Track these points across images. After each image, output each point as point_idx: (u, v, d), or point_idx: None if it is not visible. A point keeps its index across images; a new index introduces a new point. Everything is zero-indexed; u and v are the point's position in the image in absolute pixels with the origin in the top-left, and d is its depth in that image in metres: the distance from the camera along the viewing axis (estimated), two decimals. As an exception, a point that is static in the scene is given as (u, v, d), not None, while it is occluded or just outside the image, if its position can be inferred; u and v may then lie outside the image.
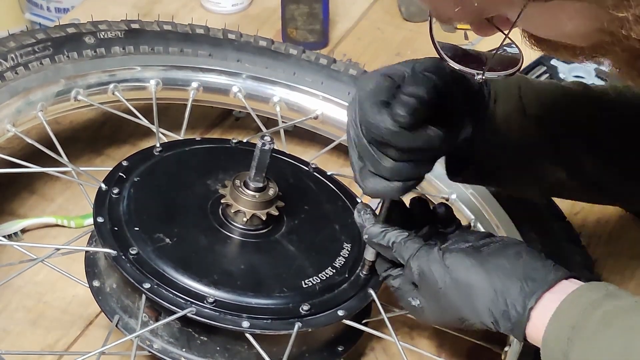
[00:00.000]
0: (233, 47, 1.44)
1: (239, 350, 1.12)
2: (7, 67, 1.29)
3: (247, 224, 1.18)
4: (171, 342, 1.13)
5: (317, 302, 1.14)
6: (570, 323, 1.01)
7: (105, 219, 1.16)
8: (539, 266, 1.07)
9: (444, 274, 1.08)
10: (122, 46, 1.38)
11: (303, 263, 1.17)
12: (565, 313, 1.02)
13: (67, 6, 2.07)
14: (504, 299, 1.05)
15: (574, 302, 1.03)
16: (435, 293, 1.09)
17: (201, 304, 1.10)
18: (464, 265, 1.08)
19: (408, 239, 1.11)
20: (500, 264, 1.07)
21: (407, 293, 1.12)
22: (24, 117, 1.30)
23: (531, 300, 1.04)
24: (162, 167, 1.24)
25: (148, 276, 1.11)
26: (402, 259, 1.11)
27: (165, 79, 1.40)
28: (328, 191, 1.28)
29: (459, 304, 1.08)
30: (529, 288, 1.05)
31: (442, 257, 1.09)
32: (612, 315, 1.00)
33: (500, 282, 1.06)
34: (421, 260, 1.09)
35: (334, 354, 1.18)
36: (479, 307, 1.07)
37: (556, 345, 1.02)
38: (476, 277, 1.07)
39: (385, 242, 1.12)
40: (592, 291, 1.04)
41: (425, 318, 1.12)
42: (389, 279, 1.15)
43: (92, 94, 1.36)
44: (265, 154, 1.16)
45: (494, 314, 1.06)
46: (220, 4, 1.73)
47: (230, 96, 1.44)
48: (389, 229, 1.13)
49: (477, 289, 1.07)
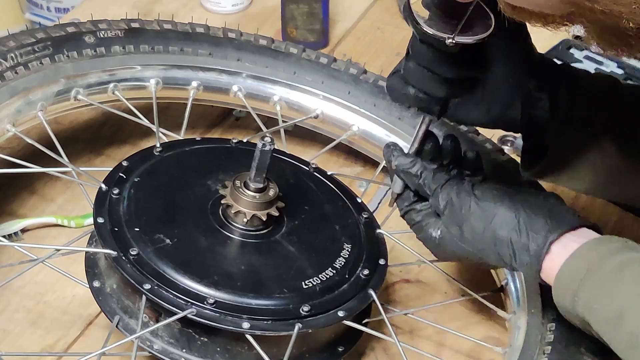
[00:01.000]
0: (233, 46, 1.44)
1: (240, 351, 1.12)
2: (6, 67, 1.29)
3: (247, 225, 1.18)
4: (171, 342, 1.12)
5: (317, 303, 1.14)
6: (586, 266, 1.05)
7: (106, 219, 1.16)
8: (563, 210, 1.11)
9: (470, 201, 1.11)
10: (122, 45, 1.38)
11: (303, 264, 1.17)
12: (582, 256, 1.06)
13: (67, 6, 2.07)
14: (527, 232, 1.09)
15: (593, 247, 1.06)
16: (459, 219, 1.12)
17: (201, 305, 1.10)
18: (492, 195, 1.11)
19: (438, 170, 1.14)
20: (528, 200, 1.11)
21: (429, 225, 1.15)
22: (24, 117, 1.29)
23: (553, 235, 1.08)
24: (162, 167, 1.24)
25: (148, 277, 1.11)
26: (429, 189, 1.14)
27: (166, 78, 1.40)
28: (328, 191, 1.28)
29: (481, 231, 1.10)
30: (552, 225, 1.08)
31: (472, 188, 1.12)
32: (626, 264, 1.03)
33: (525, 215, 1.09)
34: (450, 189, 1.13)
35: (334, 355, 1.18)
36: (501, 237, 1.10)
37: (568, 284, 1.05)
38: (502, 207, 1.10)
39: (414, 171, 1.15)
40: (611, 242, 1.07)
41: (442, 249, 1.15)
42: (412, 213, 1.17)
43: (92, 94, 1.35)
44: (266, 155, 1.16)
45: (514, 245, 1.09)
46: (220, 3, 1.73)
47: (231, 95, 1.44)
48: (418, 159, 1.16)
49: (502, 218, 1.10)
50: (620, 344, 1.03)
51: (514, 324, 1.23)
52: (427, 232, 1.15)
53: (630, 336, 1.01)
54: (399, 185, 1.18)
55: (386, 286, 1.33)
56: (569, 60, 1.66)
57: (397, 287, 1.33)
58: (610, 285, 1.03)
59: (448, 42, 1.03)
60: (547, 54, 1.66)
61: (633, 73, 1.65)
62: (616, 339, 1.03)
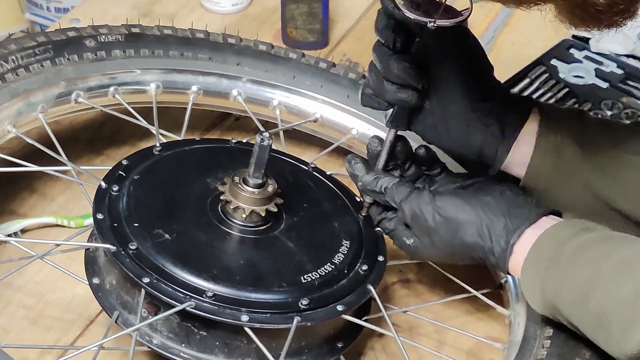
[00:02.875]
0: (233, 51, 1.45)
1: (239, 345, 1.12)
2: (7, 69, 1.30)
3: (246, 220, 1.18)
4: (170, 337, 1.12)
5: (316, 297, 1.14)
6: (548, 254, 1.09)
7: (105, 215, 1.16)
8: (521, 202, 1.15)
9: (434, 214, 1.16)
10: (123, 49, 1.39)
11: (302, 259, 1.17)
12: (543, 245, 1.11)
13: (67, 6, 2.07)
14: (489, 236, 1.14)
15: (552, 235, 1.11)
16: (427, 231, 1.17)
17: (200, 298, 1.10)
18: (452, 203, 1.16)
19: (399, 184, 1.20)
20: (486, 201, 1.15)
21: (401, 233, 1.20)
22: (25, 118, 1.30)
23: (514, 237, 1.13)
24: (162, 165, 1.24)
25: (147, 271, 1.11)
26: (394, 203, 1.20)
27: (166, 82, 1.41)
28: (327, 190, 1.29)
29: (450, 240, 1.16)
30: (512, 225, 1.13)
31: (433, 199, 1.17)
32: (584, 246, 1.08)
33: (486, 218, 1.14)
34: (412, 202, 1.18)
35: (333, 350, 1.18)
36: (468, 242, 1.15)
37: (534, 275, 1.10)
38: (464, 215, 1.15)
39: (378, 189, 1.21)
40: (569, 226, 1.11)
41: (419, 255, 1.21)
42: (384, 222, 1.23)
43: (92, 97, 1.36)
44: (264, 150, 1.16)
45: (481, 249, 1.15)
46: (220, 3, 1.74)
47: (230, 100, 1.44)
48: (381, 175, 1.21)
49: (465, 226, 1.15)
50: (589, 325, 1.06)
51: (514, 320, 1.23)
52: (402, 240, 1.21)
53: (596, 315, 1.04)
54: (369, 198, 1.24)
55: (386, 286, 1.33)
56: (569, 60, 1.67)
57: (397, 287, 1.33)
58: (573, 268, 1.07)
59: (430, 25, 1.08)
60: (547, 54, 1.68)
61: (633, 72, 1.66)
62: (585, 320, 1.06)
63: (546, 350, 1.15)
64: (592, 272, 1.06)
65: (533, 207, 1.15)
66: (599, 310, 1.04)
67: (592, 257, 1.07)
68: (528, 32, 1.75)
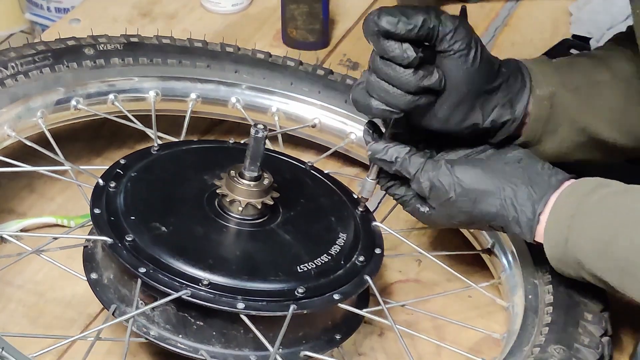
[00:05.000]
0: (231, 59, 1.46)
1: (235, 335, 1.12)
2: (7, 75, 1.31)
3: (242, 213, 1.19)
4: (167, 328, 1.13)
5: (312, 286, 1.14)
6: (569, 212, 1.10)
7: (102, 210, 1.17)
8: (539, 169, 1.16)
9: (454, 185, 1.15)
10: (121, 58, 1.40)
11: (298, 250, 1.18)
12: (563, 204, 1.12)
13: (67, 6, 2.09)
14: (513, 206, 1.14)
15: (570, 193, 1.12)
16: (446, 202, 1.16)
17: (196, 287, 1.10)
18: (473, 174, 1.15)
19: (412, 154, 1.18)
20: (507, 171, 1.15)
21: (414, 201, 1.19)
22: (24, 123, 1.32)
23: (540, 205, 1.13)
24: (160, 163, 1.25)
25: (143, 261, 1.12)
26: (407, 174, 1.18)
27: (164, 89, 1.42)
28: (324, 186, 1.29)
29: (469, 210, 1.15)
30: (536, 194, 1.14)
31: (452, 170, 1.15)
32: (604, 199, 1.10)
33: (509, 188, 1.14)
34: (430, 173, 1.16)
35: (331, 342, 1.18)
36: (490, 212, 1.15)
37: (557, 234, 1.11)
38: (485, 185, 1.15)
39: (389, 157, 1.18)
40: (585, 184, 1.13)
41: (433, 222, 1.20)
42: (393, 188, 1.21)
43: (92, 104, 1.38)
44: (259, 142, 1.17)
45: (504, 219, 1.14)
46: (220, 3, 1.74)
47: (229, 107, 1.46)
48: (391, 144, 1.18)
49: (486, 196, 1.14)
50: (614, 275, 1.07)
51: (512, 312, 1.23)
52: (415, 206, 1.20)
53: (621, 263, 1.06)
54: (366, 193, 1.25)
55: (386, 286, 1.33)
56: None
57: (397, 286, 1.33)
58: (594, 220, 1.08)
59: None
60: (547, 53, 1.67)
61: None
62: (609, 270, 1.08)
63: (544, 336, 1.15)
64: (614, 221, 1.07)
65: (552, 174, 1.16)
66: (624, 258, 1.05)
67: (613, 208, 1.09)
68: (528, 32, 1.76)
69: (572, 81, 1.22)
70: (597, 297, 1.21)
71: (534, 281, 1.23)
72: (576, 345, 1.14)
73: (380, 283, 1.32)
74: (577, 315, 1.18)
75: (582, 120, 1.21)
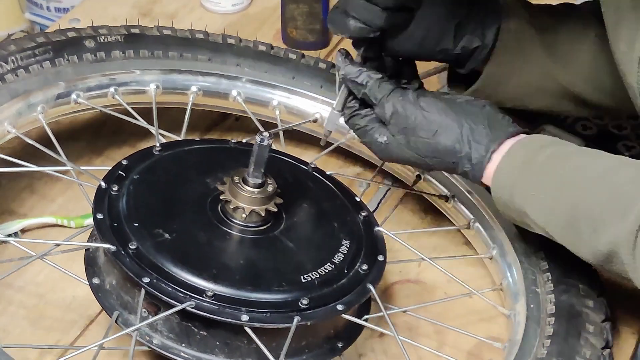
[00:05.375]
0: (232, 52, 1.45)
1: (239, 345, 1.12)
2: (7, 70, 1.30)
3: (245, 220, 1.18)
4: (171, 337, 1.12)
5: (316, 297, 1.14)
6: (522, 159, 1.14)
7: (105, 215, 1.16)
8: (500, 117, 1.19)
9: (416, 112, 1.19)
10: (122, 50, 1.39)
11: (302, 259, 1.18)
12: (517, 152, 1.15)
13: (67, 6, 2.07)
14: (469, 142, 1.17)
15: (527, 144, 1.16)
16: (405, 129, 1.19)
17: (200, 298, 1.10)
18: (437, 106, 1.19)
19: (383, 81, 1.21)
20: (469, 110, 1.19)
21: (375, 130, 1.22)
22: (25, 119, 1.30)
23: (494, 144, 1.16)
24: (162, 165, 1.24)
25: (147, 270, 1.11)
26: (374, 98, 1.21)
27: (165, 82, 1.41)
28: (327, 190, 1.29)
29: (427, 141, 1.18)
30: (492, 134, 1.17)
31: (417, 99, 1.19)
32: (557, 155, 1.13)
33: (467, 125, 1.17)
34: (395, 99, 1.20)
35: (333, 350, 1.18)
36: (446, 146, 1.18)
37: (505, 179, 1.15)
38: (446, 118, 1.18)
39: (360, 80, 1.21)
40: (541, 139, 1.17)
41: (388, 153, 1.22)
42: (356, 118, 1.24)
43: (92, 97, 1.36)
44: (264, 150, 1.16)
45: (458, 155, 1.18)
46: (220, 3, 1.73)
47: (230, 100, 1.44)
48: (364, 68, 1.22)
49: (446, 128, 1.18)
50: (558, 226, 1.11)
51: (514, 320, 1.23)
52: (373, 137, 1.22)
53: (566, 217, 1.10)
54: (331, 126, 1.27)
55: (386, 287, 1.33)
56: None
57: (397, 287, 1.33)
58: (544, 173, 1.12)
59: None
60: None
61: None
62: (553, 221, 1.11)
63: (546, 349, 1.15)
64: (565, 177, 1.11)
65: (511, 124, 1.19)
66: (571, 212, 1.09)
67: (566, 164, 1.12)
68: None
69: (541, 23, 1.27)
70: (599, 307, 1.21)
71: (536, 289, 1.23)
72: (578, 358, 1.14)
73: (381, 284, 1.31)
74: (578, 326, 1.18)
75: (549, 65, 1.27)
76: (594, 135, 1.49)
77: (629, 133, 1.50)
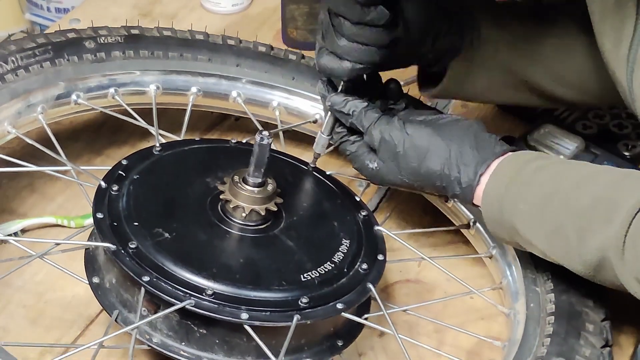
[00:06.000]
0: (232, 52, 1.45)
1: (238, 343, 1.12)
2: (7, 70, 1.30)
3: (245, 220, 1.18)
4: (170, 335, 1.12)
5: (316, 296, 1.14)
6: (508, 175, 1.16)
7: (105, 214, 1.16)
8: (486, 137, 1.21)
9: (404, 140, 1.21)
10: (122, 50, 1.39)
11: (302, 258, 1.18)
12: (504, 169, 1.18)
13: (67, 6, 2.08)
14: (457, 166, 1.19)
15: (512, 160, 1.18)
16: (394, 156, 1.22)
17: (200, 296, 1.10)
18: (423, 132, 1.21)
19: (368, 109, 1.24)
20: (455, 133, 1.20)
21: (364, 156, 1.25)
22: (25, 119, 1.30)
23: (482, 167, 1.18)
24: (162, 165, 1.24)
25: (147, 269, 1.11)
26: (361, 127, 1.23)
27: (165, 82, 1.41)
28: (327, 190, 1.29)
29: (416, 167, 1.21)
30: (480, 156, 1.19)
31: (403, 126, 1.21)
32: (543, 167, 1.15)
33: (455, 148, 1.19)
34: (382, 127, 1.22)
35: (333, 348, 1.18)
36: (434, 170, 1.20)
37: (494, 196, 1.16)
38: (433, 143, 1.20)
39: (346, 110, 1.24)
40: (526, 154, 1.19)
41: (379, 179, 1.25)
42: (346, 144, 1.26)
43: (92, 98, 1.36)
44: (264, 149, 1.16)
45: (447, 179, 1.19)
46: (220, 4, 1.74)
47: (230, 101, 1.44)
48: (350, 98, 1.24)
49: (433, 154, 1.20)
50: (546, 238, 1.12)
51: (513, 319, 1.24)
52: (364, 163, 1.25)
53: (553, 227, 1.11)
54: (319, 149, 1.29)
55: (386, 286, 1.33)
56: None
57: (397, 287, 1.33)
58: (531, 184, 1.14)
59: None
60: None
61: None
62: (540, 233, 1.13)
63: (546, 348, 1.15)
64: (550, 188, 1.13)
65: (498, 143, 1.20)
66: (557, 222, 1.11)
67: (551, 175, 1.14)
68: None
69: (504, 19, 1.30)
70: (599, 306, 1.21)
71: (536, 289, 1.23)
72: (578, 357, 1.14)
73: (381, 283, 1.31)
74: (578, 326, 1.18)
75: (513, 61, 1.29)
76: (595, 135, 1.49)
77: (629, 132, 1.50)
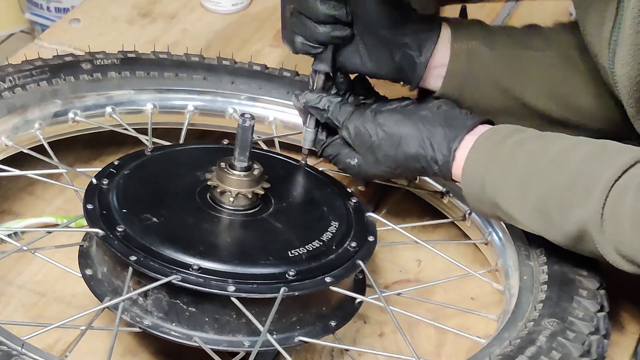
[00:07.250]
0: (227, 71, 1.48)
1: (228, 320, 1.12)
2: (4, 87, 1.34)
3: (233, 204, 1.20)
4: (161, 317, 1.13)
5: (303, 269, 1.14)
6: (487, 153, 1.17)
7: (95, 205, 1.18)
8: (456, 114, 1.24)
9: (377, 130, 1.24)
10: (118, 72, 1.43)
11: (290, 237, 1.19)
12: (482, 146, 1.19)
13: (67, 6, 2.11)
14: (431, 144, 1.21)
15: (490, 136, 1.20)
16: (371, 148, 1.25)
17: (186, 272, 1.11)
18: (393, 119, 1.24)
19: (342, 103, 1.27)
20: (424, 115, 1.24)
21: (345, 155, 1.28)
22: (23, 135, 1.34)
23: (455, 143, 1.20)
24: (153, 163, 1.27)
25: (134, 250, 1.12)
26: (337, 121, 1.27)
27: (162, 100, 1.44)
28: (318, 180, 1.31)
29: (393, 154, 1.24)
30: (451, 133, 1.21)
31: (374, 116, 1.25)
32: (521, 143, 1.17)
33: (426, 130, 1.22)
34: (356, 121, 1.26)
35: (326, 329, 1.17)
36: (411, 154, 1.23)
37: (475, 173, 1.18)
38: (405, 128, 1.23)
39: (321, 105, 1.28)
40: (504, 128, 1.20)
41: (363, 173, 1.28)
42: (327, 148, 1.30)
43: (89, 117, 1.40)
44: (247, 131, 1.19)
45: (423, 159, 1.22)
46: (220, 3, 1.75)
47: (227, 118, 1.47)
48: (324, 94, 1.29)
49: (406, 138, 1.23)
50: (528, 214, 1.14)
51: (508, 294, 1.23)
52: (345, 162, 1.28)
53: (535, 203, 1.13)
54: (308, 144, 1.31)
55: (385, 286, 1.33)
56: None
57: (397, 286, 1.33)
58: (511, 162, 1.15)
59: None
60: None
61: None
62: (524, 210, 1.14)
63: (538, 311, 1.15)
64: (530, 164, 1.14)
65: (468, 117, 1.23)
66: (538, 198, 1.12)
67: (529, 151, 1.15)
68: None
69: (497, 42, 1.30)
70: (593, 276, 1.20)
71: (529, 263, 1.23)
72: (570, 318, 1.13)
73: (381, 283, 1.32)
74: (571, 292, 1.17)
75: (508, 83, 1.30)
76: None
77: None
